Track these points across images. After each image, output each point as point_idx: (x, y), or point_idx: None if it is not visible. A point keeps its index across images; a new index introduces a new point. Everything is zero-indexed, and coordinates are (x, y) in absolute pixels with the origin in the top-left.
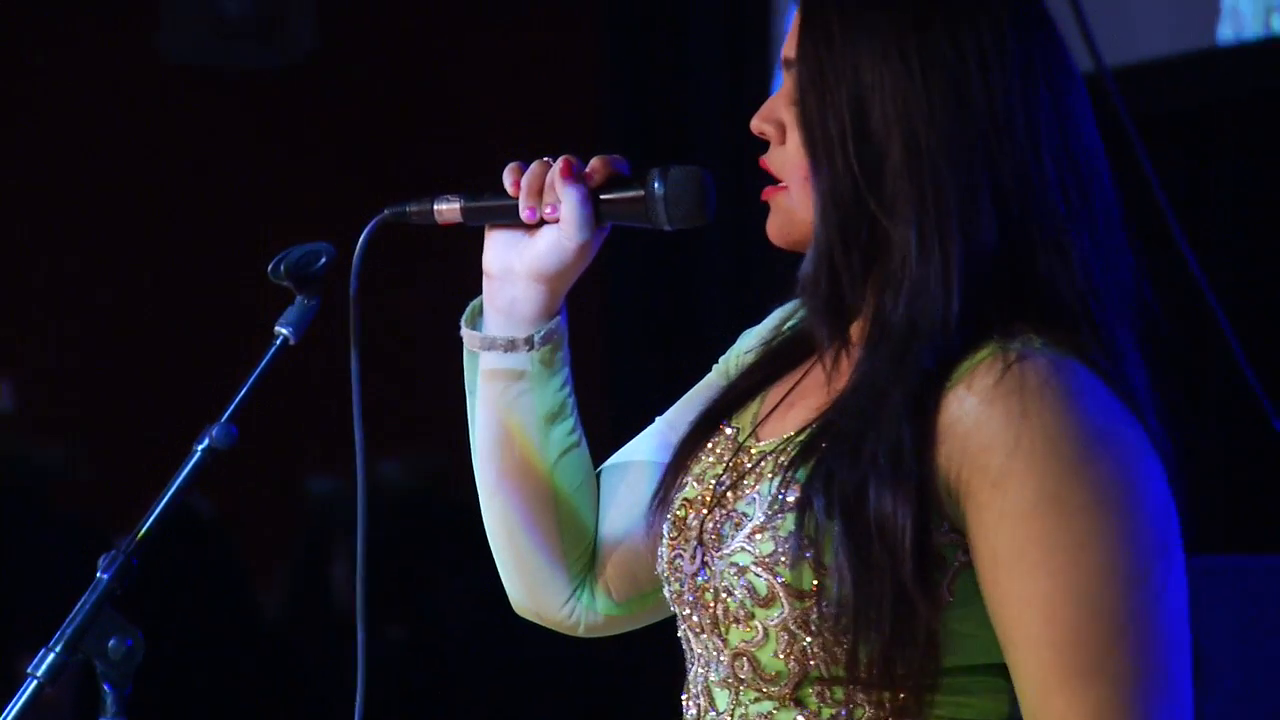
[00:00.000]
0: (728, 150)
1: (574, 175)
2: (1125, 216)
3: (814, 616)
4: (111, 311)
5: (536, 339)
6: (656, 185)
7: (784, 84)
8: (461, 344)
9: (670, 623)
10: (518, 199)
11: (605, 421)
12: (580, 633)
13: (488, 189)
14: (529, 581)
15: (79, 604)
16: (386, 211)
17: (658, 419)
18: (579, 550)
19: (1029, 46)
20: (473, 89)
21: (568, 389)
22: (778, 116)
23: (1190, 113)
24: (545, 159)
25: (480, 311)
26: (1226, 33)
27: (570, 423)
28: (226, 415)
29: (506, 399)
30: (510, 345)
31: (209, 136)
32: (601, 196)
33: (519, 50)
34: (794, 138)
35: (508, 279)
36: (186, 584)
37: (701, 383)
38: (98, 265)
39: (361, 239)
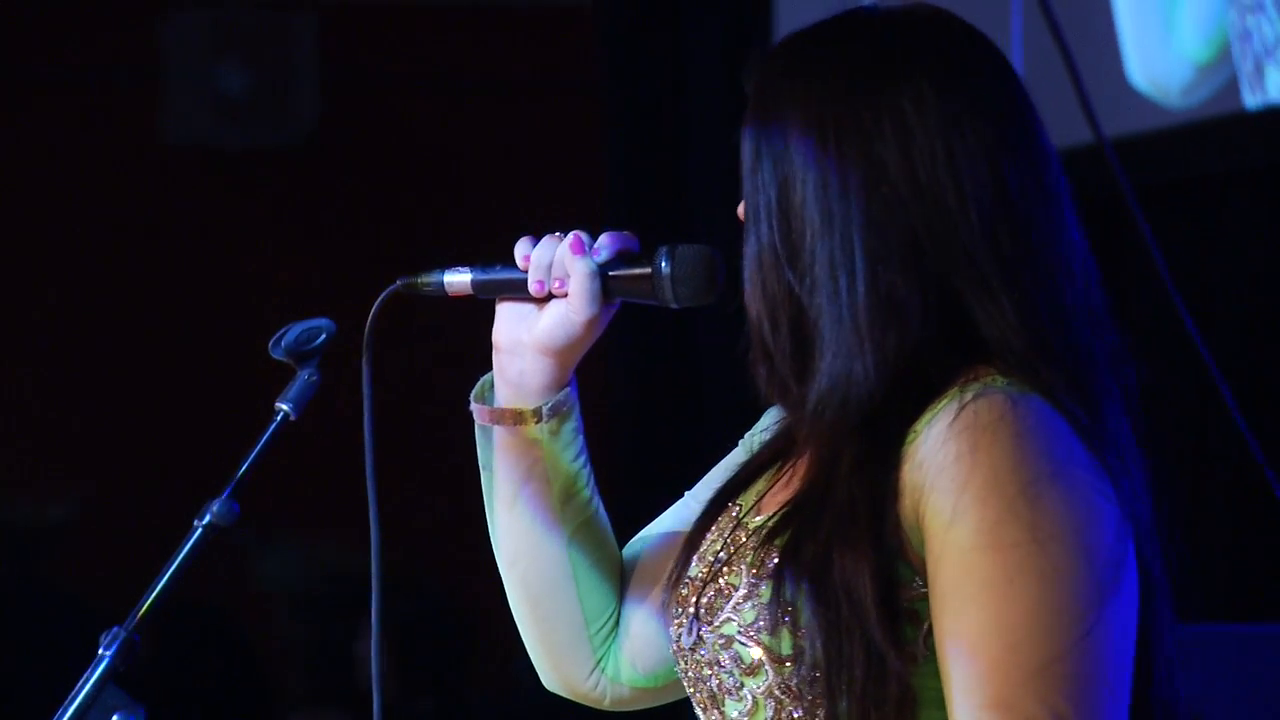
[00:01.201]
0: (733, 225)
1: (583, 251)
2: (1095, 272)
3: (795, 682)
4: (113, 389)
5: (545, 411)
6: (664, 264)
7: None
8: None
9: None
10: (527, 273)
11: (608, 495)
12: (607, 705)
13: (499, 261)
14: (553, 654)
15: (81, 681)
16: (399, 283)
17: (686, 494)
18: (601, 622)
19: (955, 104)
20: (474, 167)
21: (581, 460)
22: None
23: (1196, 181)
24: (556, 234)
25: (490, 387)
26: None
27: (586, 495)
28: (228, 492)
29: (519, 473)
30: (518, 418)
31: (209, 215)
32: (610, 273)
33: (521, 128)
34: None
35: (516, 351)
36: (195, 661)
37: (727, 458)
38: (100, 344)
39: (373, 310)
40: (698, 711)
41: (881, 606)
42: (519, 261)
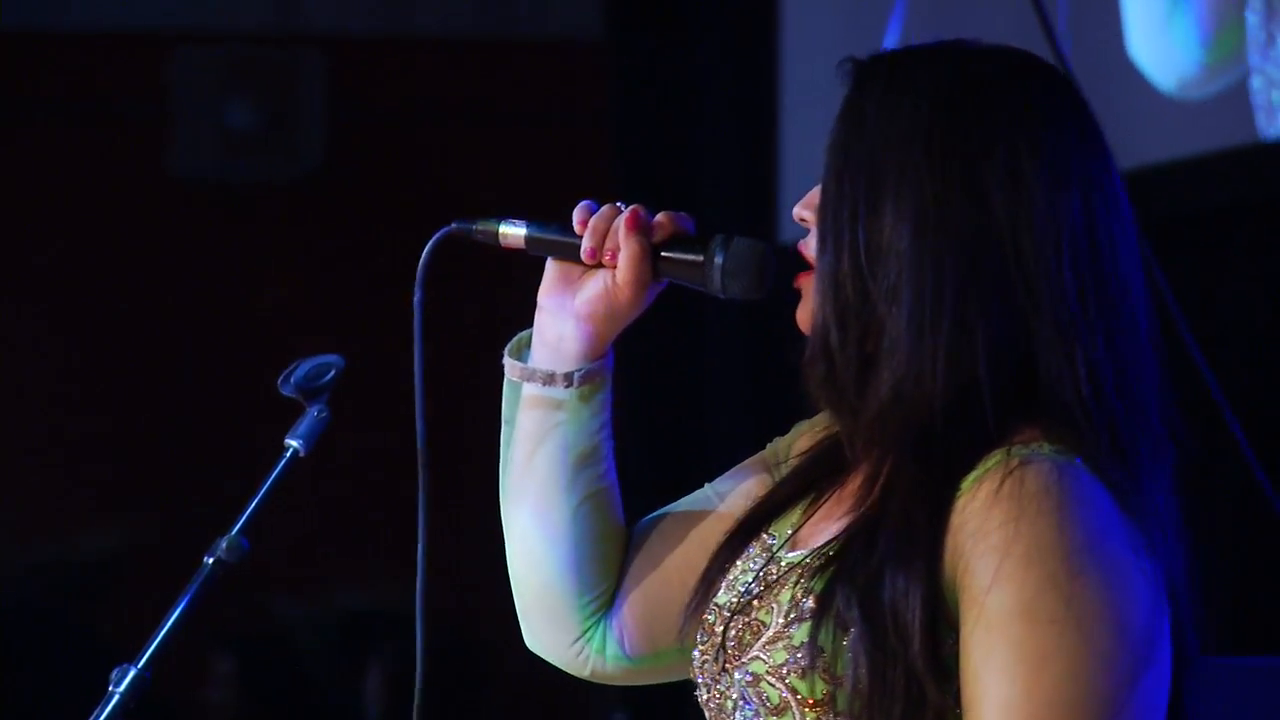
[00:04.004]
0: None
1: (639, 227)
2: (1154, 333)
3: None
4: (121, 425)
5: (577, 376)
6: (718, 254)
7: None
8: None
9: None
10: (581, 237)
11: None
12: (587, 675)
13: (557, 221)
14: (540, 616)
15: (91, 718)
16: (454, 225)
17: (707, 485)
18: (593, 595)
19: (1065, 153)
20: (483, 200)
21: (604, 434)
22: (815, 203)
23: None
24: (616, 204)
25: (528, 344)
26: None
27: (602, 468)
28: (237, 528)
29: (540, 432)
30: (549, 379)
31: (217, 250)
32: (662, 253)
33: (529, 160)
34: None
35: (559, 314)
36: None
37: (752, 459)
38: (107, 379)
39: (427, 249)
40: None
41: (926, 634)
42: (576, 225)
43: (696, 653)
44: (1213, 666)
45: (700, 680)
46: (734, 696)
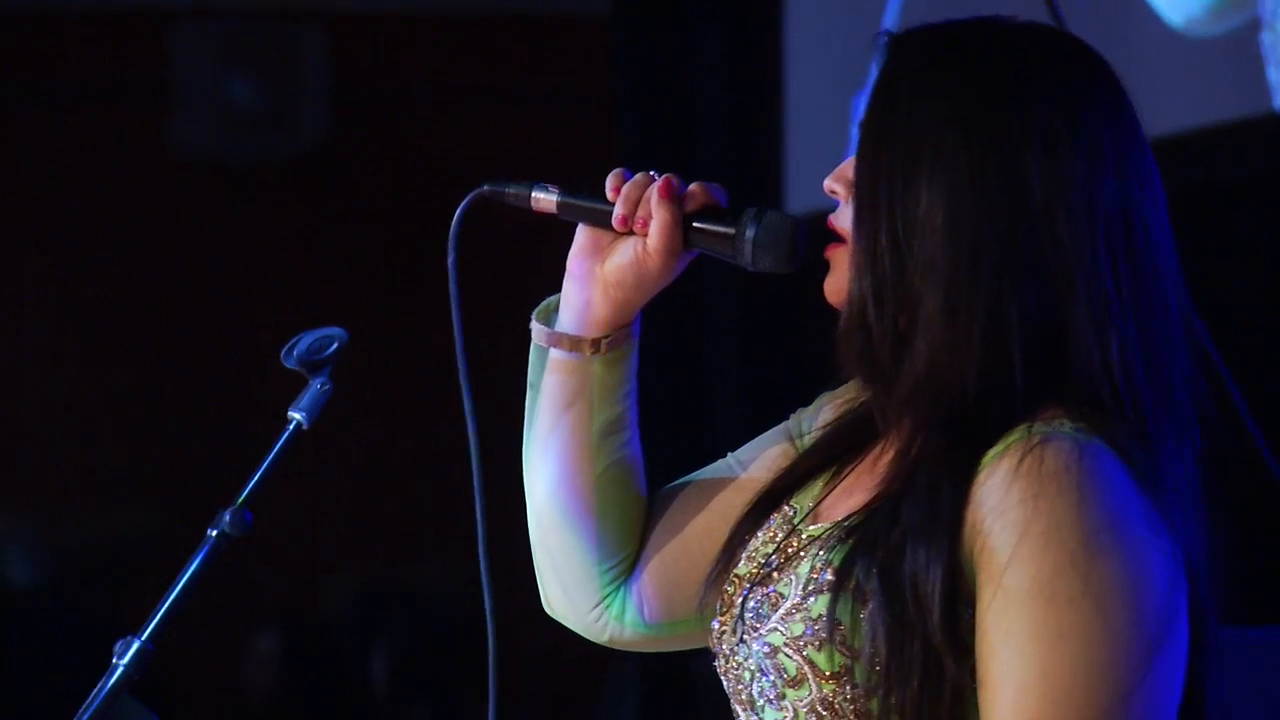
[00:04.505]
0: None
1: (671, 195)
2: (1187, 312)
3: (840, 699)
4: (125, 401)
5: (604, 343)
6: (749, 228)
7: None
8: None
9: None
10: (613, 204)
11: None
12: (605, 641)
13: (589, 188)
14: (561, 581)
15: (95, 691)
16: (486, 187)
17: (729, 454)
18: (614, 561)
19: (1101, 132)
20: (484, 178)
21: (628, 403)
22: (847, 176)
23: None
24: (650, 172)
25: (555, 309)
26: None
27: (625, 436)
28: (240, 501)
29: (564, 398)
30: (575, 344)
31: (219, 228)
32: (694, 224)
33: (531, 138)
34: None
35: (588, 280)
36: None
37: (776, 429)
38: (110, 356)
39: (459, 210)
40: (736, 708)
41: (946, 608)
42: (608, 192)
43: (715, 623)
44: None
45: (719, 650)
46: (751, 667)
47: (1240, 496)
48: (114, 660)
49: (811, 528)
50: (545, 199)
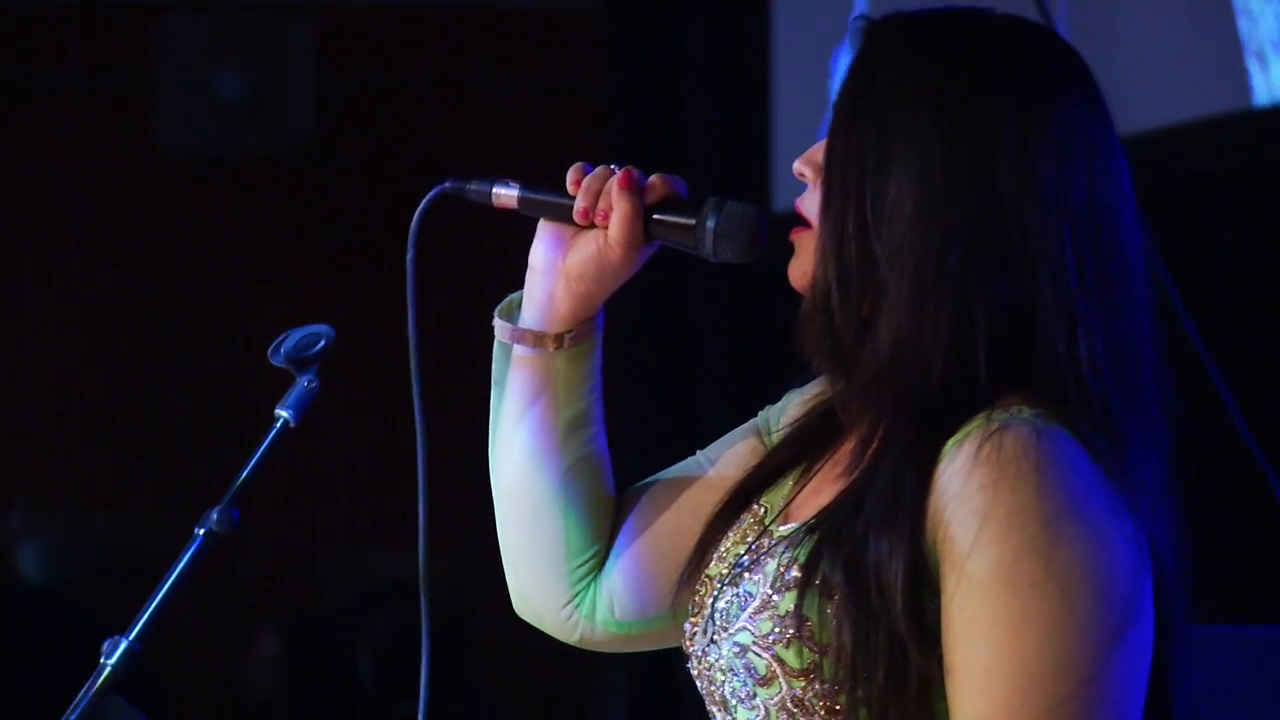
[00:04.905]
0: None
1: (631, 187)
2: (1153, 308)
3: (810, 695)
4: (111, 396)
5: (568, 338)
6: (710, 218)
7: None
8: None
9: None
10: (574, 198)
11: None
12: (575, 642)
13: (550, 183)
14: (530, 580)
15: (82, 690)
16: (448, 184)
17: (698, 452)
18: (583, 558)
19: (1073, 127)
20: (473, 171)
21: (593, 398)
22: (816, 160)
23: (1206, 178)
24: (610, 165)
25: (518, 305)
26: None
27: (591, 431)
28: (228, 499)
29: (529, 394)
30: (539, 340)
31: (206, 221)
32: (654, 215)
33: (519, 130)
34: None
35: (550, 274)
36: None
37: (743, 427)
38: (96, 349)
39: (419, 208)
40: (711, 709)
41: (909, 598)
42: (569, 186)
43: (687, 625)
44: (1205, 636)
45: (691, 652)
46: (723, 668)
47: (1230, 495)
48: (101, 660)
49: (783, 528)
50: (506, 194)
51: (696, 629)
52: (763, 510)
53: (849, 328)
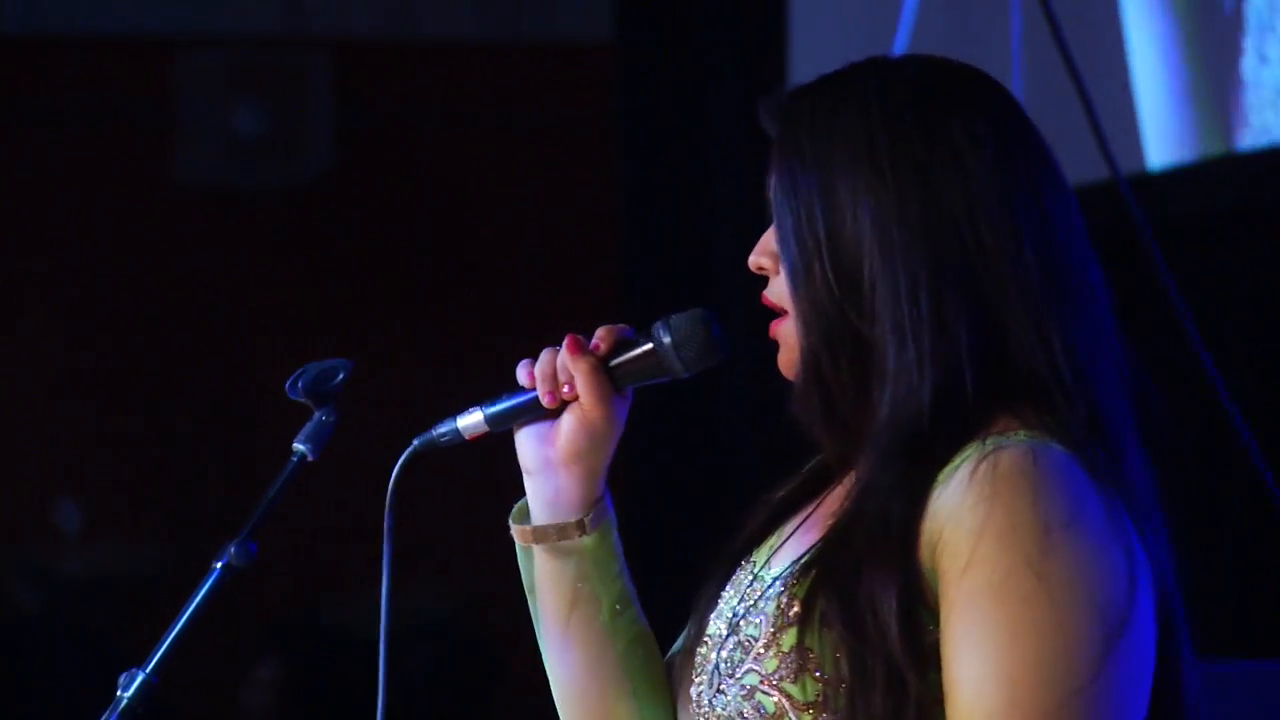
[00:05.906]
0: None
1: (580, 348)
2: (1114, 308)
3: None
4: (130, 431)
5: (588, 522)
6: (663, 335)
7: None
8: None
9: None
10: (534, 390)
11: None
12: None
13: (502, 391)
14: None
15: None
16: (415, 443)
17: None
18: None
19: (1005, 142)
20: (490, 205)
21: (625, 575)
22: (771, 248)
23: (1212, 218)
24: (550, 346)
25: (527, 511)
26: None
27: (634, 611)
28: (245, 533)
29: (568, 595)
30: (562, 532)
31: (224, 255)
32: (612, 363)
33: (536, 164)
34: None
35: (547, 471)
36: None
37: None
38: (115, 385)
39: (394, 473)
40: None
41: (904, 623)
42: (522, 381)
43: (692, 690)
44: (1219, 670)
45: (698, 713)
46: (730, 715)
47: (1244, 528)
48: (118, 693)
49: (772, 571)
50: (473, 423)
51: (702, 685)
52: (752, 564)
53: (846, 394)
